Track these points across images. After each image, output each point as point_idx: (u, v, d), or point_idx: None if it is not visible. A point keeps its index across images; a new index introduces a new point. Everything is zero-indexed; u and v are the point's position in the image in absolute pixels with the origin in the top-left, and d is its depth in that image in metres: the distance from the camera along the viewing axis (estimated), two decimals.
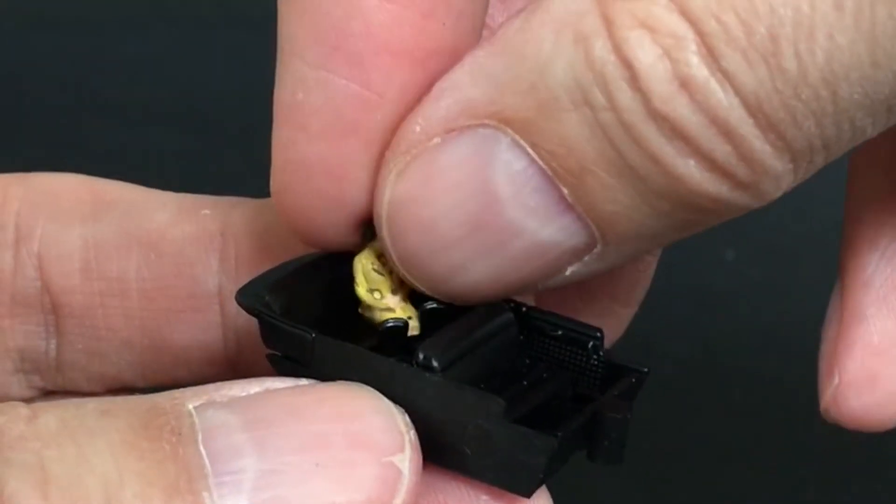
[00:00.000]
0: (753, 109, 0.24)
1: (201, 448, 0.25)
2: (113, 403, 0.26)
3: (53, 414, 0.26)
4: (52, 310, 0.35)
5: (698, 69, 0.24)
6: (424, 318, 0.29)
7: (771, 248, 0.66)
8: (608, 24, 0.24)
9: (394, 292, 0.29)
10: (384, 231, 0.27)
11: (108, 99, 0.77)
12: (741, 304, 0.64)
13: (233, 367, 0.34)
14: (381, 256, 0.29)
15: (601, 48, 0.24)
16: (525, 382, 0.28)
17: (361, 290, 0.29)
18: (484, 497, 0.28)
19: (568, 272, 0.27)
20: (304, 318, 0.29)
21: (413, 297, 0.30)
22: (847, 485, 0.55)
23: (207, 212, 0.35)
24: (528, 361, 0.29)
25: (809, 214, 0.68)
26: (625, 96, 0.24)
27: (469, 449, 0.27)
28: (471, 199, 0.26)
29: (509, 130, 0.25)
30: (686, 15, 0.24)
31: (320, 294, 0.30)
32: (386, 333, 0.29)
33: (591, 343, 0.29)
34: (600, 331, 0.29)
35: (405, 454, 0.26)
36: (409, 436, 0.26)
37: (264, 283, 0.29)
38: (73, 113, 0.75)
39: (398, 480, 0.26)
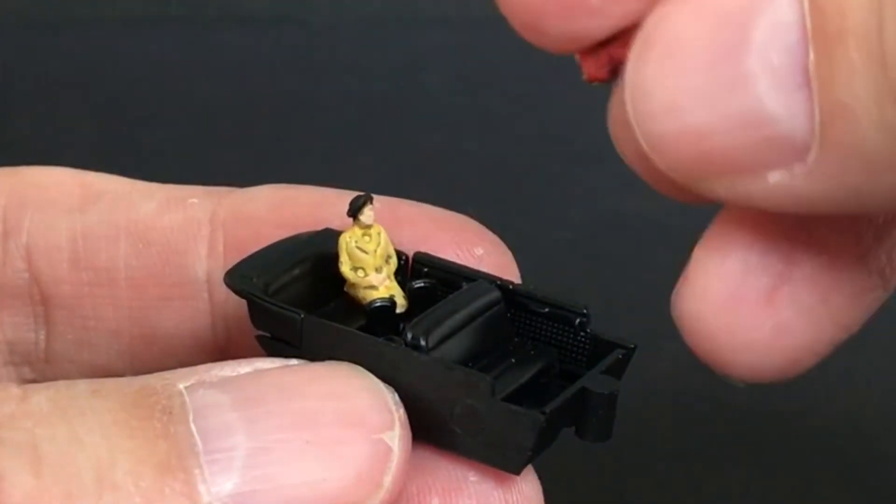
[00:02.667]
0: None
1: (192, 426, 0.26)
2: (103, 384, 0.27)
3: (44, 394, 0.27)
4: (41, 301, 0.35)
5: None
6: (412, 296, 0.30)
7: None
8: None
9: (378, 270, 0.30)
10: (635, 39, 0.26)
11: (108, 99, 0.77)
12: None
13: (222, 354, 0.35)
14: (366, 235, 0.30)
15: None
16: (513, 360, 0.29)
17: (345, 268, 0.30)
18: (472, 475, 0.28)
19: (771, 180, 0.25)
20: (292, 299, 0.29)
21: (400, 275, 0.31)
22: (847, 485, 0.55)
23: (195, 201, 0.35)
24: (515, 339, 0.30)
25: None
26: None
27: (458, 427, 0.28)
28: (727, 30, 0.24)
29: None
30: None
31: (308, 274, 0.31)
32: (373, 312, 0.30)
33: (577, 320, 0.30)
34: (587, 307, 0.30)
35: (395, 432, 0.27)
36: (398, 414, 0.27)
37: (252, 265, 0.30)
38: (73, 113, 0.76)
39: (388, 457, 0.27)
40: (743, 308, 0.27)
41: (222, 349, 0.35)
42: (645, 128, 0.25)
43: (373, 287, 0.30)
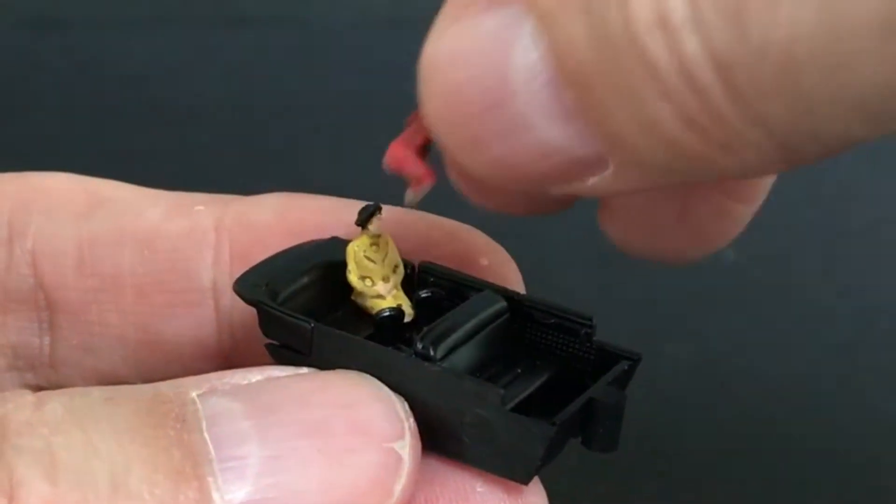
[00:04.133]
0: (721, 69, 0.23)
1: (205, 434, 0.27)
2: (117, 391, 0.28)
3: (59, 401, 0.27)
4: (46, 306, 0.36)
5: (675, 11, 0.23)
6: (418, 305, 0.31)
7: (771, 248, 0.67)
8: None
9: (385, 280, 0.31)
10: (420, 87, 0.27)
11: (108, 99, 0.77)
12: (741, 304, 0.65)
13: (227, 361, 0.35)
14: (374, 245, 0.31)
15: None
16: (519, 370, 0.30)
17: (353, 277, 0.31)
18: (480, 485, 0.29)
19: (589, 183, 0.26)
20: (300, 307, 0.30)
21: (407, 284, 0.31)
22: (847, 485, 0.55)
23: (201, 208, 0.36)
24: (521, 349, 0.31)
25: (809, 214, 0.69)
26: (616, 14, 0.23)
27: (467, 437, 0.28)
28: (490, 76, 0.25)
29: (532, 16, 0.25)
30: None
31: (316, 282, 0.31)
32: (381, 321, 0.30)
33: (583, 331, 0.30)
34: (592, 318, 0.30)
35: (405, 440, 0.27)
36: (408, 423, 0.28)
37: (261, 273, 0.31)
38: (73, 113, 0.76)
39: (399, 466, 0.27)
40: None
41: (227, 356, 0.35)
42: (452, 152, 0.27)
43: (380, 296, 0.30)
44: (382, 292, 0.31)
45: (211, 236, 0.35)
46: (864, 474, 0.56)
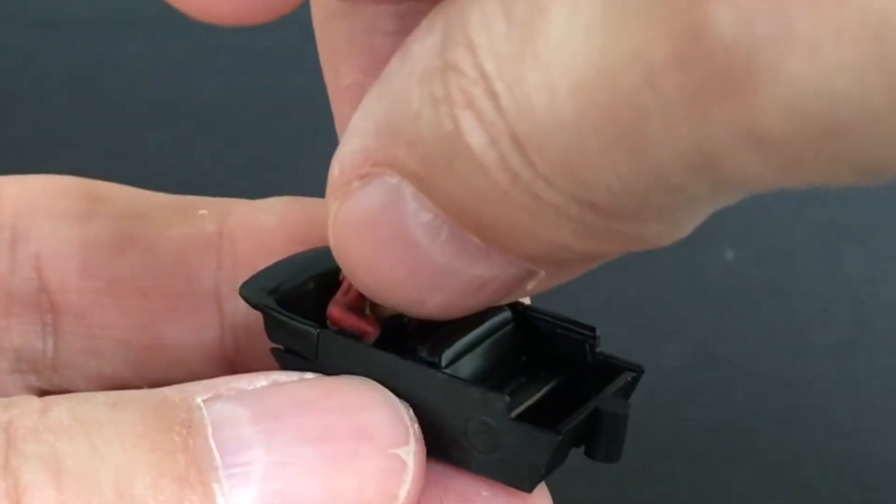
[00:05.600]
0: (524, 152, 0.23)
1: (211, 440, 0.27)
2: (122, 396, 0.28)
3: (65, 406, 0.27)
4: (50, 309, 0.36)
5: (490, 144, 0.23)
6: None
7: (771, 248, 0.67)
8: (448, 97, 0.24)
9: None
10: (339, 261, 0.28)
11: (108, 99, 0.77)
12: (741, 304, 0.65)
13: (231, 365, 0.35)
14: None
15: (448, 119, 0.24)
16: (522, 379, 0.30)
17: None
18: (484, 491, 0.29)
19: (529, 287, 0.27)
20: (306, 312, 0.30)
21: None
22: (847, 485, 0.55)
23: (205, 212, 0.36)
24: (524, 359, 0.31)
25: (809, 214, 0.69)
26: (469, 163, 0.24)
27: (471, 444, 0.28)
28: (397, 247, 0.26)
29: (407, 182, 0.25)
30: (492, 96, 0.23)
31: (321, 288, 0.31)
32: (387, 328, 0.30)
33: (586, 342, 0.30)
34: (595, 329, 0.30)
35: (410, 447, 0.28)
36: (413, 429, 0.28)
37: (267, 278, 0.31)
38: (73, 113, 0.76)
39: (403, 472, 0.27)
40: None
41: (230, 360, 0.36)
42: (395, 310, 0.28)
43: None
44: None
45: (215, 240, 0.35)
46: (864, 474, 0.56)
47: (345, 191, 0.26)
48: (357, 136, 0.26)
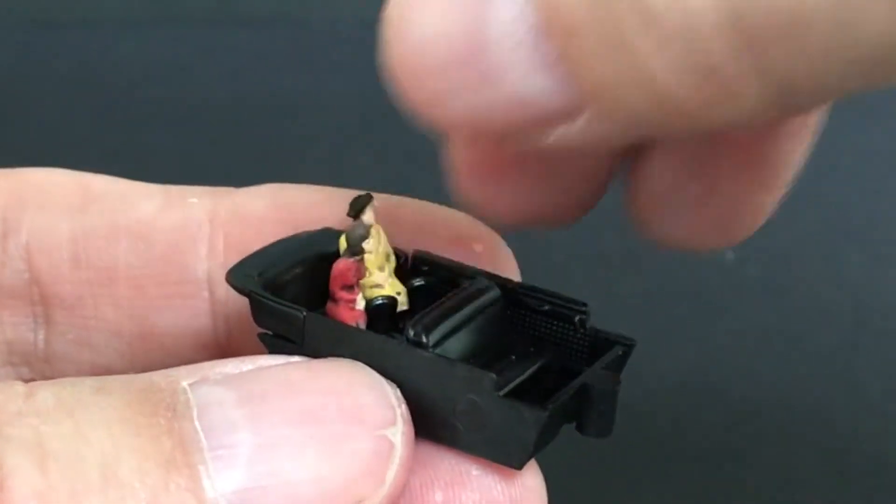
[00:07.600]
0: (729, 21, 0.23)
1: (196, 423, 0.26)
2: (108, 381, 0.28)
3: (50, 391, 0.27)
4: (41, 300, 0.36)
5: None
6: (412, 294, 0.31)
7: (771, 248, 0.67)
8: None
9: (381, 269, 0.31)
10: (385, 36, 0.26)
11: (108, 99, 0.78)
12: (741, 304, 0.65)
13: (223, 353, 0.35)
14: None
15: None
16: (513, 357, 0.30)
17: None
18: (474, 470, 0.29)
19: (553, 136, 0.26)
20: (294, 297, 0.30)
21: (400, 273, 0.31)
22: (847, 486, 0.55)
23: (195, 200, 0.36)
24: (515, 336, 0.30)
25: (809, 214, 0.69)
26: None
27: (460, 423, 0.28)
28: (462, 30, 0.25)
29: None
30: None
31: (308, 272, 0.31)
32: (373, 310, 0.30)
33: (577, 317, 0.30)
34: (586, 304, 0.30)
35: (397, 427, 0.27)
36: (400, 410, 0.28)
37: (253, 263, 0.31)
38: (72, 112, 0.76)
39: (391, 453, 0.27)
40: None
41: (223, 348, 0.35)
42: (412, 105, 0.26)
43: (378, 286, 0.30)
44: (380, 281, 0.30)
45: (205, 228, 0.35)
46: (864, 474, 0.56)
47: None
48: None
